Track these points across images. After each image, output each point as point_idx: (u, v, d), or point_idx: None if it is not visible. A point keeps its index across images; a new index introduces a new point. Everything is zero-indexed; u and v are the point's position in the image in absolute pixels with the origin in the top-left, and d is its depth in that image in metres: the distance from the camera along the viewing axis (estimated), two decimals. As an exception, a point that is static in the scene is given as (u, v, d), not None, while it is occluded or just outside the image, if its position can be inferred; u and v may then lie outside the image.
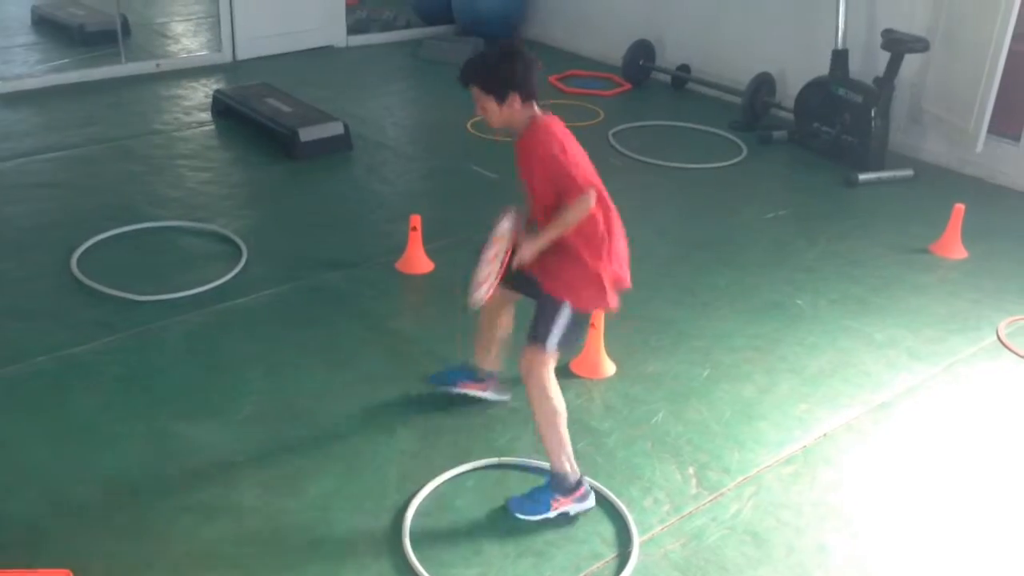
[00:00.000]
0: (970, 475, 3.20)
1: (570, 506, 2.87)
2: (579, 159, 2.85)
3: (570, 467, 2.88)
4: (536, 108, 2.90)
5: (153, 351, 3.63)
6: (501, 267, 2.83)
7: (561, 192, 2.80)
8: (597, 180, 2.87)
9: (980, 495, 3.11)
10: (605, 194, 2.89)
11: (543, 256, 2.85)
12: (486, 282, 2.83)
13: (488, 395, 3.37)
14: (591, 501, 2.91)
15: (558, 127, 2.89)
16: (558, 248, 2.84)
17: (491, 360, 3.31)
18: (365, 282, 4.20)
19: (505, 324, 3.26)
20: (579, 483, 2.88)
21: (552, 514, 2.86)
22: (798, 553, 2.81)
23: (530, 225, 2.92)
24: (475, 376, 3.36)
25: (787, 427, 3.36)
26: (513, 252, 2.83)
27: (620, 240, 2.94)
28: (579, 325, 2.95)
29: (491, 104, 2.89)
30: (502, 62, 2.89)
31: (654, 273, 4.41)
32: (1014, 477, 3.20)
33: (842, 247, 4.72)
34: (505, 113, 2.88)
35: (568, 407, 3.36)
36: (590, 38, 7.74)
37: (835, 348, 3.86)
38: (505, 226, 2.87)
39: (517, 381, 3.06)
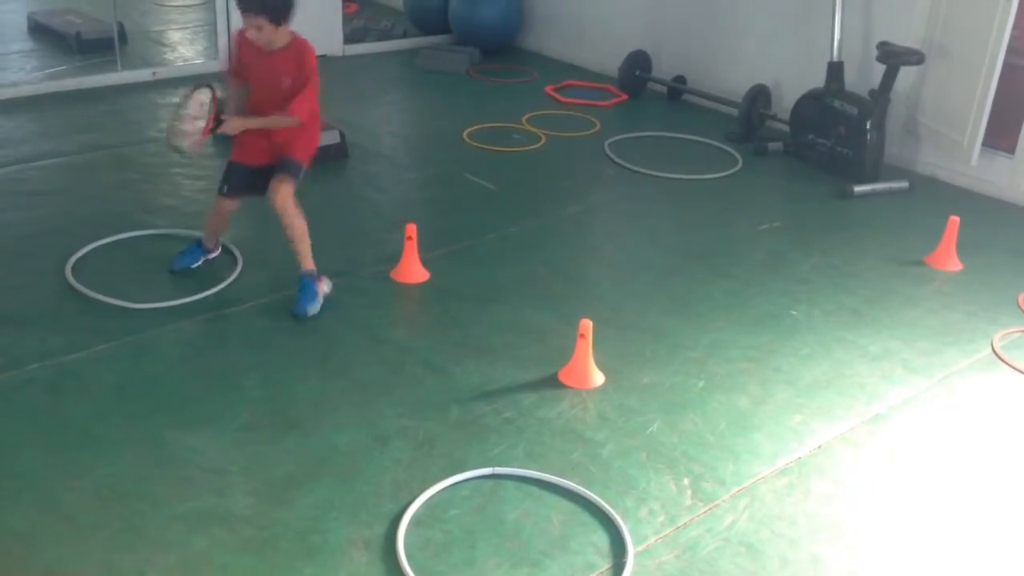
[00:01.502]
0: (965, 488, 3.20)
1: (324, 287, 4.01)
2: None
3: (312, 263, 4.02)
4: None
5: (147, 359, 3.63)
6: (205, 130, 3.81)
7: (290, 99, 3.84)
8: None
9: (975, 508, 3.11)
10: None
11: (279, 140, 3.99)
12: (190, 137, 3.79)
13: (215, 256, 4.35)
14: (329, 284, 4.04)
15: None
16: (291, 133, 3.97)
17: (217, 242, 4.36)
18: (360, 291, 4.20)
19: (227, 220, 4.30)
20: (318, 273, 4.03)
21: (321, 298, 3.97)
22: (792, 565, 2.81)
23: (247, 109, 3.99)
24: (206, 251, 4.30)
25: (782, 438, 3.36)
26: (218, 123, 3.83)
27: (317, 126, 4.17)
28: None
29: (267, 26, 3.74)
30: None
31: (649, 284, 4.42)
32: (1010, 490, 3.20)
33: (837, 259, 4.73)
34: (275, 33, 3.78)
35: (562, 417, 3.39)
36: (586, 49, 7.76)
37: (830, 360, 3.86)
38: (206, 98, 3.81)
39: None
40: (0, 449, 3.09)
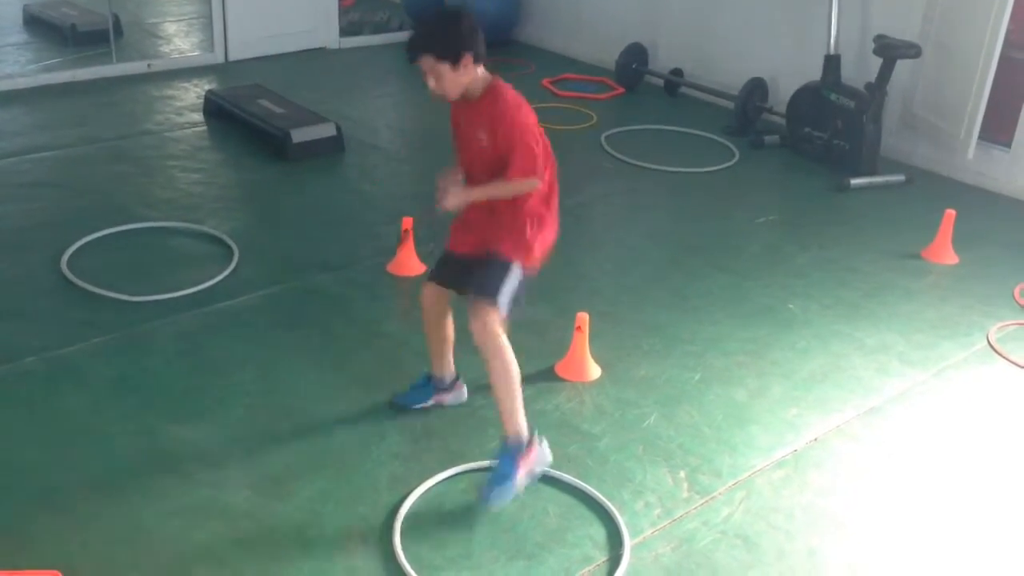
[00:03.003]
0: (961, 480, 3.21)
1: (531, 465, 2.90)
2: (541, 135, 2.91)
3: (525, 425, 2.90)
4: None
5: (143, 352, 3.62)
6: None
7: (509, 161, 2.83)
8: (551, 156, 2.97)
9: (971, 500, 3.12)
10: (554, 168, 3.02)
11: (486, 222, 2.97)
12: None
13: (451, 400, 3.37)
14: (549, 454, 2.98)
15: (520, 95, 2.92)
16: (502, 215, 2.94)
17: (447, 364, 3.31)
18: (356, 284, 4.19)
19: (448, 327, 3.24)
20: (532, 438, 2.92)
21: (520, 483, 2.85)
22: (789, 557, 2.81)
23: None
24: (441, 385, 3.34)
25: (778, 431, 3.37)
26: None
27: (555, 215, 3.06)
28: (523, 287, 2.96)
29: (445, 70, 2.79)
30: (450, 23, 2.81)
31: (646, 277, 4.42)
32: (1005, 482, 3.21)
33: (834, 252, 4.73)
34: (461, 77, 2.81)
35: (559, 410, 3.39)
36: (583, 42, 7.74)
37: (827, 353, 3.87)
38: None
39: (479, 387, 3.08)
40: (-4, 442, 3.10)
